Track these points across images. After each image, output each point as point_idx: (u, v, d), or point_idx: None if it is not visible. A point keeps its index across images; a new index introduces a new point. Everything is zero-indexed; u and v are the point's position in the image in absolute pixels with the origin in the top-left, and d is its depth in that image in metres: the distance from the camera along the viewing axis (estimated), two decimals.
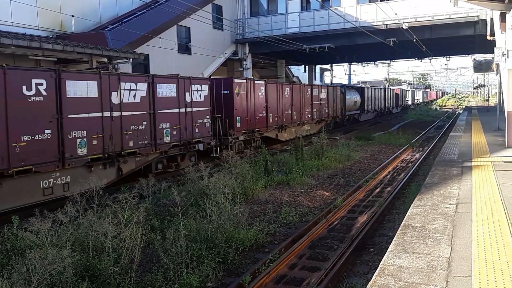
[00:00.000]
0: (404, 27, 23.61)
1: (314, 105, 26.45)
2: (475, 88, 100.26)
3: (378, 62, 51.27)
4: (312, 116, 26.24)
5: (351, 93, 35.16)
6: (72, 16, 18.98)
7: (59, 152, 10.20)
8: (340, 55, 36.19)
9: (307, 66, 44.06)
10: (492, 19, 20.79)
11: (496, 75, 22.76)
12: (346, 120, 33.93)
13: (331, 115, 29.72)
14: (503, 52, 13.65)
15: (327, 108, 28.95)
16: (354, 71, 62.47)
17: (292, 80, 39.37)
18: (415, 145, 22.69)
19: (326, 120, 28.99)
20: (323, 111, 28.11)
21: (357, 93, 37.00)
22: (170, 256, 6.69)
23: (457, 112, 52.77)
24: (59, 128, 10.22)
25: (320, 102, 27.54)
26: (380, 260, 5.03)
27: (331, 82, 48.05)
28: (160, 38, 21.77)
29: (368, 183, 13.35)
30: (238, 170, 11.65)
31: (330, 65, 47.62)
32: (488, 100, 52.63)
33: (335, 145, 20.25)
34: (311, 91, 26.19)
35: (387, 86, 60.79)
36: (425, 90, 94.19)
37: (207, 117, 15.97)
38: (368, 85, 54.82)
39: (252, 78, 22.45)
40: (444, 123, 36.75)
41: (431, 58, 43.68)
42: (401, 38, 26.25)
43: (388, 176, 14.70)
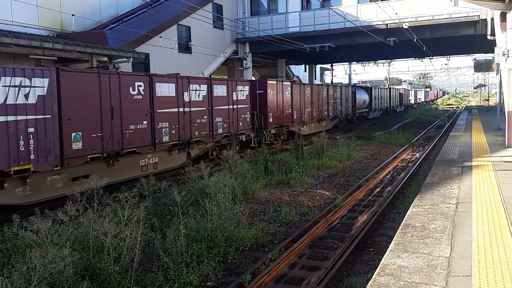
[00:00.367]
0: (405, 27, 23.60)
1: (329, 103, 29.21)
2: (475, 88, 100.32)
3: (379, 61, 51.26)
4: (328, 113, 29.02)
5: (360, 92, 37.59)
6: (73, 15, 18.97)
7: (152, 139, 13.12)
8: (340, 55, 36.21)
9: (307, 66, 44.07)
10: (492, 19, 20.79)
11: (497, 74, 22.74)
12: (356, 118, 36.53)
13: (343, 112, 32.56)
14: (504, 51, 13.65)
15: (341, 106, 31.87)
16: (355, 70, 62.44)
17: (292, 79, 39.37)
18: (415, 144, 22.69)
19: (339, 117, 31.78)
20: (337, 109, 31.07)
21: (365, 92, 39.44)
22: (170, 255, 6.70)
23: (457, 112, 52.75)
24: (152, 120, 13.12)
25: (334, 101, 30.36)
26: (380, 260, 5.03)
27: (331, 81, 48.07)
28: (160, 37, 21.77)
29: (368, 182, 13.35)
30: (238, 169, 11.66)
31: (330, 64, 47.64)
32: (488, 99, 52.61)
33: (335, 144, 20.25)
34: (327, 91, 28.93)
35: (387, 86, 60.84)
36: (426, 90, 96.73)
37: (248, 113, 18.82)
38: (368, 84, 55.06)
39: (281, 79, 25.11)
40: (444, 123, 36.74)
41: (431, 57, 43.69)
42: (401, 37, 26.25)
43: (388, 176, 14.70)
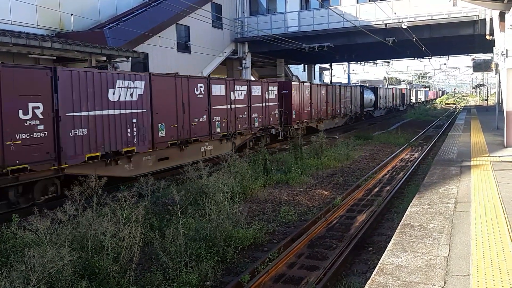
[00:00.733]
0: (404, 27, 23.61)
1: (341, 102, 32.14)
2: (474, 88, 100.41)
3: (378, 61, 51.28)
4: (340, 111, 31.94)
5: (367, 92, 40.79)
6: (72, 14, 18.95)
7: (209, 130, 15.99)
8: (339, 54, 36.24)
9: (306, 65, 44.07)
10: (491, 19, 20.82)
11: (495, 74, 22.77)
12: (363, 116, 39.70)
13: (353, 110, 35.60)
14: (502, 51, 13.65)
15: (350, 105, 34.83)
16: (354, 70, 62.47)
17: (291, 79, 39.39)
18: (414, 144, 22.70)
19: (349, 115, 34.72)
20: (347, 107, 34.02)
21: (372, 92, 42.41)
22: (169, 255, 6.70)
23: (456, 112, 52.79)
24: (209, 115, 15.96)
25: (345, 100, 33.29)
26: (379, 259, 5.03)
27: (331, 81, 48.10)
28: (159, 37, 21.76)
29: (367, 182, 13.37)
30: (237, 169, 11.66)
31: (329, 64, 47.64)
32: (487, 99, 52.67)
33: (334, 144, 20.26)
34: (339, 91, 31.72)
35: (386, 86, 60.97)
36: (426, 90, 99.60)
37: (276, 110, 21.67)
38: (367, 84, 55.27)
39: (302, 80, 28.40)
40: (443, 123, 36.76)
41: (430, 57, 43.71)
42: (400, 37, 26.26)
43: (387, 176, 14.71)
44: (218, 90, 16.59)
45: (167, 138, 13.69)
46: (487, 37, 22.13)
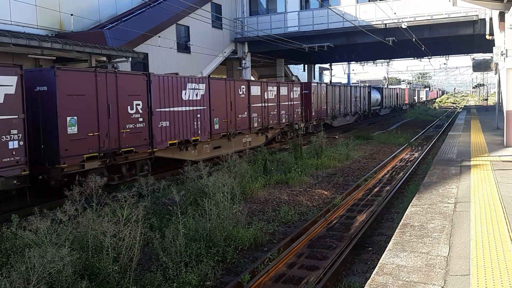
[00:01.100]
0: (403, 26, 23.61)
1: (351, 101, 35.03)
2: (474, 88, 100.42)
3: (377, 61, 51.27)
4: (351, 110, 34.86)
5: (374, 92, 43.73)
6: (71, 15, 18.95)
7: (249, 124, 19.01)
8: (339, 54, 36.23)
9: (306, 65, 44.05)
10: (491, 19, 20.81)
11: (495, 74, 22.78)
12: (371, 114, 42.54)
13: (361, 109, 38.67)
14: (502, 51, 13.65)
15: (360, 104, 37.83)
16: (353, 70, 62.44)
17: (291, 79, 39.40)
18: (414, 144, 22.71)
19: (359, 113, 37.64)
20: (357, 106, 37.04)
21: (378, 92, 45.35)
22: (169, 255, 6.70)
23: (456, 112, 52.78)
24: (249, 112, 18.97)
25: (355, 99, 36.22)
26: (379, 259, 5.04)
27: (330, 81, 48.08)
28: (159, 37, 21.76)
29: (367, 182, 13.37)
30: (237, 169, 11.66)
31: (329, 64, 47.62)
32: (487, 99, 52.66)
33: (334, 144, 20.26)
34: (350, 91, 34.69)
35: (386, 86, 61.14)
36: (427, 90, 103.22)
37: (299, 108, 24.46)
38: (367, 84, 55.45)
39: (320, 81, 31.22)
40: (443, 123, 36.76)
41: (430, 57, 43.70)
42: (400, 37, 26.26)
43: (387, 175, 14.72)
44: (256, 90, 19.65)
45: (220, 130, 16.89)
46: (487, 37, 22.13)
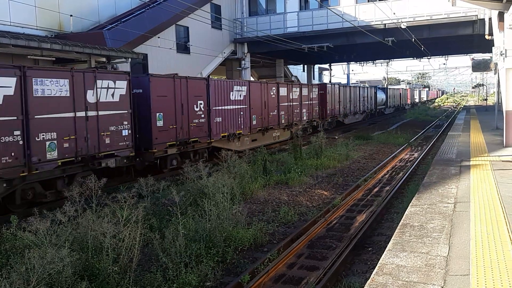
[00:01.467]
0: (403, 27, 23.61)
1: (360, 101, 37.61)
2: (473, 88, 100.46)
3: (377, 61, 51.27)
4: (359, 108, 37.45)
5: (380, 92, 46.35)
6: (71, 15, 18.94)
7: (278, 121, 21.79)
8: (338, 55, 36.20)
9: (305, 66, 44.05)
10: (490, 19, 20.79)
11: (495, 74, 22.78)
12: (377, 113, 45.11)
13: (369, 108, 41.33)
14: (501, 51, 13.65)
15: (367, 103, 40.40)
16: (353, 70, 62.46)
17: (290, 79, 39.41)
18: (414, 144, 22.71)
19: (366, 112, 40.38)
20: (365, 105, 39.56)
21: (383, 92, 48.03)
22: (169, 256, 6.70)
23: (455, 112, 52.79)
24: (278, 110, 21.73)
25: (363, 99, 38.83)
26: (379, 259, 5.04)
27: (330, 81, 48.09)
28: (158, 37, 21.75)
29: (367, 182, 13.37)
30: (237, 169, 11.66)
31: (328, 64, 47.63)
32: (486, 99, 52.66)
33: (333, 144, 20.27)
34: (359, 91, 37.42)
35: (386, 86, 61.23)
36: (427, 90, 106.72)
37: (317, 107, 27.54)
38: (367, 84, 55.64)
39: (333, 83, 34.44)
40: (443, 123, 36.76)
41: (429, 57, 43.69)
42: (399, 37, 26.25)
43: (387, 176, 14.72)
44: (283, 91, 22.37)
45: (257, 126, 19.85)
46: (486, 37, 22.12)
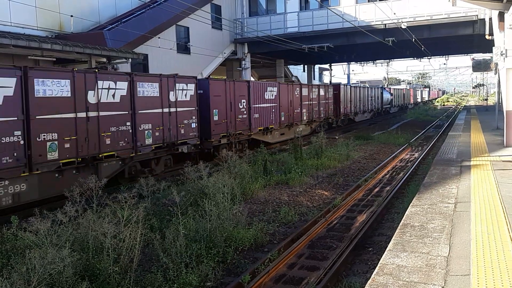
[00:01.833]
0: (403, 27, 23.61)
1: (369, 100, 40.22)
2: (474, 88, 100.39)
3: (377, 61, 51.27)
4: (368, 107, 40.08)
5: (385, 92, 48.75)
6: (71, 16, 18.96)
7: (300, 117, 24.47)
8: (339, 55, 36.20)
9: (306, 66, 44.06)
10: (490, 19, 20.82)
11: (495, 74, 22.78)
12: (383, 111, 47.59)
13: (376, 107, 43.68)
14: (502, 51, 13.65)
15: (374, 103, 42.97)
16: (353, 70, 62.46)
17: (291, 79, 39.41)
18: (414, 144, 22.71)
19: (374, 110, 42.83)
20: (373, 104, 42.19)
21: (388, 92, 50.40)
22: (170, 256, 6.70)
23: (456, 112, 52.77)
24: (301, 108, 24.47)
25: (371, 98, 41.52)
26: (379, 259, 5.04)
27: (330, 81, 48.09)
28: (159, 38, 21.76)
29: (367, 182, 13.37)
30: (237, 169, 11.66)
31: (329, 64, 47.62)
32: (487, 99, 52.61)
33: (334, 144, 20.26)
34: (367, 91, 40.04)
35: (387, 86, 61.47)
36: (429, 90, 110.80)
37: (332, 105, 30.18)
38: (367, 84, 55.85)
39: (346, 84, 38.96)
40: (443, 123, 36.75)
41: (430, 57, 43.68)
42: (400, 37, 26.25)
43: (387, 176, 14.72)
44: (305, 92, 25.02)
45: (285, 121, 22.52)
46: (487, 37, 22.14)
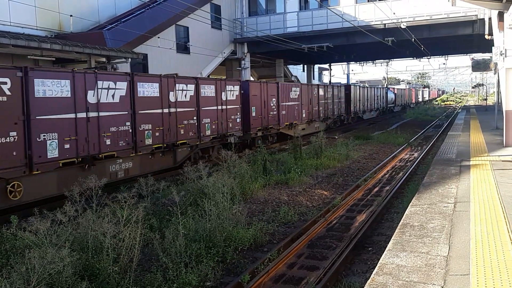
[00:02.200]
0: (403, 27, 23.63)
1: (375, 100, 42.57)
2: (473, 87, 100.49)
3: (377, 61, 51.28)
4: (374, 106, 42.30)
5: (390, 92, 51.33)
6: (71, 15, 18.95)
7: (318, 114, 27.12)
8: (338, 55, 36.24)
9: (305, 66, 44.07)
10: (490, 19, 20.81)
11: (494, 74, 22.78)
12: (387, 110, 50.06)
13: (381, 106, 45.98)
14: (501, 51, 13.65)
15: (380, 102, 45.23)
16: (353, 70, 62.49)
17: (290, 79, 39.42)
18: (414, 144, 22.71)
19: (379, 109, 45.13)
20: (378, 104, 44.42)
21: (392, 92, 52.96)
22: (169, 256, 6.70)
23: (455, 111, 52.80)
24: (318, 106, 27.19)
25: (377, 98, 43.75)
26: (379, 259, 5.04)
27: (330, 81, 48.13)
28: (158, 37, 21.76)
29: (367, 182, 13.37)
30: (237, 169, 11.66)
31: (328, 64, 47.65)
32: (486, 99, 52.64)
33: (333, 144, 20.27)
34: (374, 90, 42.50)
35: (385, 86, 61.37)
36: (429, 90, 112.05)
37: (344, 104, 32.62)
38: (367, 84, 55.89)
39: (357, 84, 41.19)
40: (443, 122, 36.76)
41: (429, 57, 43.70)
42: (399, 37, 26.26)
43: (387, 175, 14.72)
44: (321, 91, 27.71)
45: (305, 118, 25.16)
46: (486, 36, 22.14)
